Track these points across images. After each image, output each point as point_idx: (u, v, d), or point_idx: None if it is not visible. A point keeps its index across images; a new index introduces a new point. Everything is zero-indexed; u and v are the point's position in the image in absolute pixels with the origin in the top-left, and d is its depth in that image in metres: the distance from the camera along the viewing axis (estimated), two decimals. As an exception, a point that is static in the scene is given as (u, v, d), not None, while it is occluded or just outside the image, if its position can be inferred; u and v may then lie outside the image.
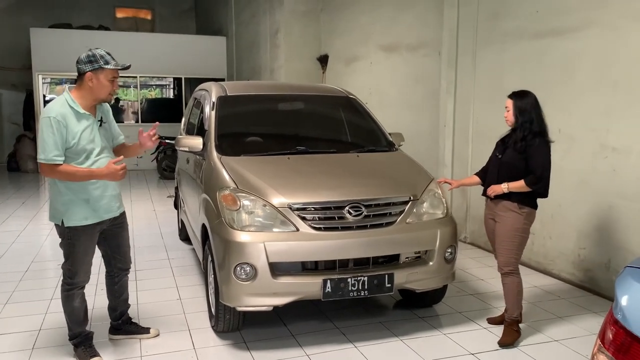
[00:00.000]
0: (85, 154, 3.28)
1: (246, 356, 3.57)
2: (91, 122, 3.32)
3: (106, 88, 3.29)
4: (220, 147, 4.29)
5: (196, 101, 5.76)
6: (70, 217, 3.30)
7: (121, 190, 3.69)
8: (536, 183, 3.65)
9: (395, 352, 3.66)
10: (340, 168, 4.24)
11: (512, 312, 3.81)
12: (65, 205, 3.30)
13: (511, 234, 3.72)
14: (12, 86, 14.51)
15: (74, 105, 3.26)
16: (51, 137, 3.15)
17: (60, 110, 3.22)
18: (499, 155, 3.85)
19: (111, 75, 3.29)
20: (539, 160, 3.65)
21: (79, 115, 3.26)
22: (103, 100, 3.37)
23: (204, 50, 14.13)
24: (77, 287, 3.44)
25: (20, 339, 3.83)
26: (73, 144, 3.22)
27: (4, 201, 9.25)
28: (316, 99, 5.29)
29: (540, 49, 5.26)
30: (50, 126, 3.15)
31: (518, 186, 3.66)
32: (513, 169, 3.71)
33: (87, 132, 3.29)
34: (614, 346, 1.49)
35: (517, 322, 3.82)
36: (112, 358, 3.55)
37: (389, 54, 8.10)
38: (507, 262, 3.76)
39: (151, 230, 7.08)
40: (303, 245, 3.54)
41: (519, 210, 3.70)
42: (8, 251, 6.13)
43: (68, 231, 3.33)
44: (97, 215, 3.37)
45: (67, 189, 3.30)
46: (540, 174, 3.64)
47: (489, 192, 3.80)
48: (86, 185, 3.30)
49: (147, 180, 11.86)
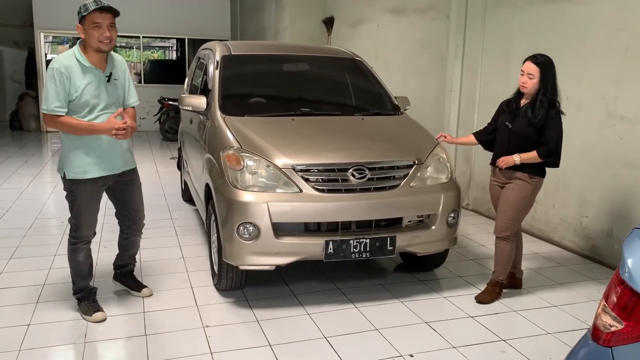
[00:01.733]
0: (88, 108, 3.27)
1: (248, 314, 3.62)
2: (98, 77, 3.29)
3: (92, 36, 3.18)
4: (224, 107, 4.25)
5: (200, 61, 5.68)
6: (70, 169, 3.34)
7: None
8: (549, 155, 3.60)
9: (395, 313, 3.70)
10: (345, 130, 4.21)
11: (498, 275, 3.87)
12: (67, 158, 3.34)
13: (517, 201, 3.71)
14: (14, 44, 14.32)
15: (80, 58, 3.24)
16: (53, 88, 3.17)
17: (65, 62, 3.21)
18: (508, 124, 3.74)
19: (91, 20, 3.15)
20: (554, 133, 3.57)
21: (85, 69, 3.24)
22: (99, 50, 3.23)
23: (207, 11, 13.91)
24: (82, 242, 3.48)
25: (25, 293, 3.87)
26: (76, 97, 3.22)
27: (7, 159, 9.25)
28: (322, 60, 5.22)
29: (550, 14, 5.15)
30: (53, 77, 3.17)
31: (530, 157, 3.60)
32: (525, 139, 3.64)
33: (92, 86, 3.27)
34: (619, 306, 1.49)
35: (501, 285, 3.89)
36: (115, 313, 3.59)
37: (396, 16, 7.95)
38: (505, 227, 3.77)
39: (154, 191, 7.09)
40: (306, 206, 3.54)
41: (529, 179, 3.68)
42: (12, 208, 6.16)
43: (70, 183, 3.37)
44: (98, 169, 3.37)
45: (68, 142, 3.33)
46: (554, 146, 3.58)
47: (500, 164, 3.71)
48: (87, 139, 3.30)
49: (150, 141, 11.84)
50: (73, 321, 3.48)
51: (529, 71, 3.61)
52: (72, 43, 16.77)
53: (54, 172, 8.43)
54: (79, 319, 3.49)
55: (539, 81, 3.59)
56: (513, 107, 3.77)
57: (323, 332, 3.38)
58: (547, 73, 3.59)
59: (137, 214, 3.73)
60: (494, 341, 3.34)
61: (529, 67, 3.62)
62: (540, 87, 3.60)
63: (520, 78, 3.68)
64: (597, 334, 1.55)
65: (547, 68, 3.60)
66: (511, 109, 3.77)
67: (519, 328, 3.55)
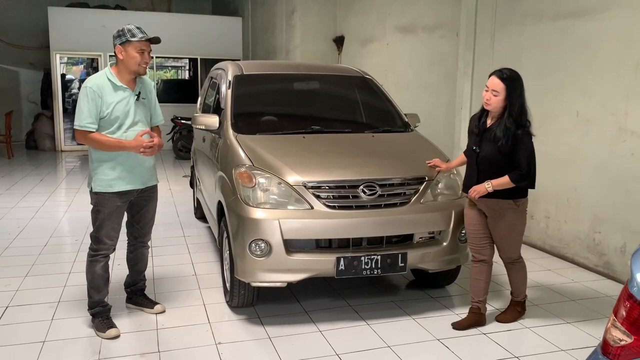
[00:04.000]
0: (117, 124, 3.45)
1: (260, 331, 3.63)
2: (127, 95, 3.49)
3: (135, 59, 3.44)
4: (236, 126, 4.32)
5: (212, 81, 5.78)
6: (96, 182, 3.50)
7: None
8: (522, 179, 3.36)
9: (407, 329, 3.69)
10: (355, 148, 4.25)
11: (518, 295, 3.82)
12: (95, 172, 3.51)
13: (511, 229, 3.57)
14: (30, 65, 14.63)
15: (111, 78, 3.46)
16: (86, 106, 3.37)
17: (98, 81, 3.44)
18: (476, 148, 3.50)
19: (138, 47, 3.43)
20: (523, 155, 3.33)
21: (116, 87, 3.46)
22: (136, 72, 3.50)
23: (219, 31, 14.10)
24: (101, 254, 3.57)
25: (40, 310, 3.92)
26: (107, 113, 3.42)
27: (23, 178, 9.39)
28: (332, 79, 5.29)
29: (559, 30, 5.18)
30: (86, 95, 3.38)
31: (502, 183, 3.36)
32: (494, 164, 3.41)
33: (122, 104, 3.47)
34: (628, 320, 1.50)
35: (523, 304, 3.85)
36: (128, 330, 3.62)
37: (405, 34, 8.03)
38: (511, 255, 3.70)
39: (167, 208, 7.16)
40: (317, 223, 3.57)
41: (515, 205, 3.48)
42: (27, 226, 6.24)
43: (95, 196, 3.52)
44: (123, 183, 3.52)
45: (97, 156, 3.50)
46: (526, 170, 3.34)
47: (472, 195, 3.49)
48: (114, 154, 3.47)
49: (162, 160, 11.95)
50: (87, 338, 3.51)
51: (493, 87, 3.35)
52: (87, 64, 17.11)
53: (69, 190, 8.55)
54: (93, 336, 3.53)
55: (505, 99, 3.35)
56: (479, 127, 3.53)
57: (335, 349, 3.39)
58: (514, 90, 3.33)
59: (147, 227, 3.84)
60: (507, 358, 3.32)
61: (493, 82, 3.36)
62: (505, 106, 3.36)
63: (484, 94, 3.43)
64: (607, 348, 1.55)
65: (513, 84, 3.33)
66: (478, 130, 3.54)
67: (531, 345, 3.52)
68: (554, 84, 5.25)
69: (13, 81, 14.65)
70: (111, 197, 3.50)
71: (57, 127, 13.21)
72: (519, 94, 3.36)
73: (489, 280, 3.77)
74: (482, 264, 3.70)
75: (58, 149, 13.30)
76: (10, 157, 11.78)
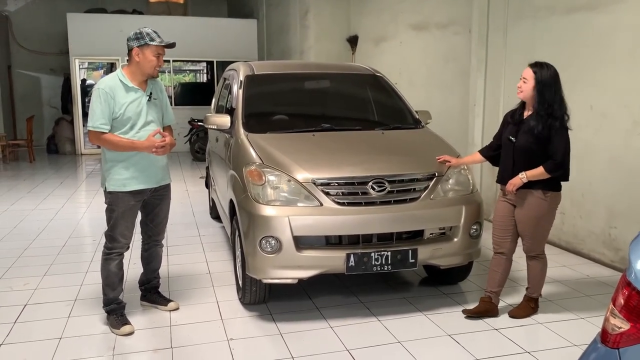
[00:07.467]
0: (130, 124, 3.52)
1: (271, 327, 3.66)
2: (139, 96, 3.56)
3: (151, 62, 3.51)
4: (247, 125, 4.36)
5: (225, 82, 5.83)
6: (110, 182, 3.56)
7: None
8: (557, 170, 3.43)
9: (418, 325, 3.69)
10: (365, 145, 4.26)
11: (532, 292, 3.80)
12: (108, 172, 3.58)
13: (536, 221, 3.57)
14: (51, 70, 14.93)
15: (123, 79, 3.53)
16: (99, 107, 3.44)
17: (110, 83, 3.51)
18: (512, 138, 3.58)
19: (156, 51, 3.51)
20: (560, 145, 3.41)
21: (128, 89, 3.52)
22: (150, 75, 3.57)
23: (235, 34, 14.21)
24: (115, 252, 3.63)
25: (57, 308, 4.01)
26: (119, 114, 3.48)
27: (44, 181, 9.58)
28: (343, 77, 5.30)
29: (573, 24, 5.13)
30: (99, 97, 3.45)
31: (537, 174, 3.44)
32: (530, 154, 3.48)
33: (135, 104, 3.53)
34: (627, 308, 1.49)
35: (536, 300, 3.83)
36: (142, 326, 3.69)
37: (418, 32, 8.01)
38: (531, 249, 3.70)
39: (184, 209, 7.25)
40: (327, 219, 3.59)
41: (543, 196, 3.51)
42: (47, 227, 6.37)
43: (109, 196, 3.59)
44: (136, 183, 3.58)
45: (110, 156, 3.56)
46: (561, 160, 3.42)
47: (509, 189, 3.55)
48: (127, 154, 3.53)
49: (180, 161, 12.08)
50: (102, 334, 3.59)
51: (524, 75, 3.51)
52: (107, 68, 17.38)
53: (88, 192, 8.70)
54: (108, 333, 3.60)
55: (534, 88, 3.45)
56: (517, 119, 3.62)
57: (346, 345, 3.40)
58: (543, 77, 3.43)
59: (160, 226, 3.90)
60: (519, 353, 3.30)
61: (525, 71, 3.52)
62: (538, 94, 3.45)
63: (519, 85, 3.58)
64: (606, 336, 1.55)
65: (542, 72, 3.44)
66: (515, 122, 3.62)
67: (545, 340, 3.50)
68: (567, 78, 5.12)
69: (34, 87, 14.97)
70: (125, 196, 3.56)
71: (77, 131, 13.45)
72: (549, 83, 3.43)
73: (506, 275, 3.80)
74: (501, 256, 3.75)
75: (78, 152, 13.54)
76: (32, 161, 12.03)
